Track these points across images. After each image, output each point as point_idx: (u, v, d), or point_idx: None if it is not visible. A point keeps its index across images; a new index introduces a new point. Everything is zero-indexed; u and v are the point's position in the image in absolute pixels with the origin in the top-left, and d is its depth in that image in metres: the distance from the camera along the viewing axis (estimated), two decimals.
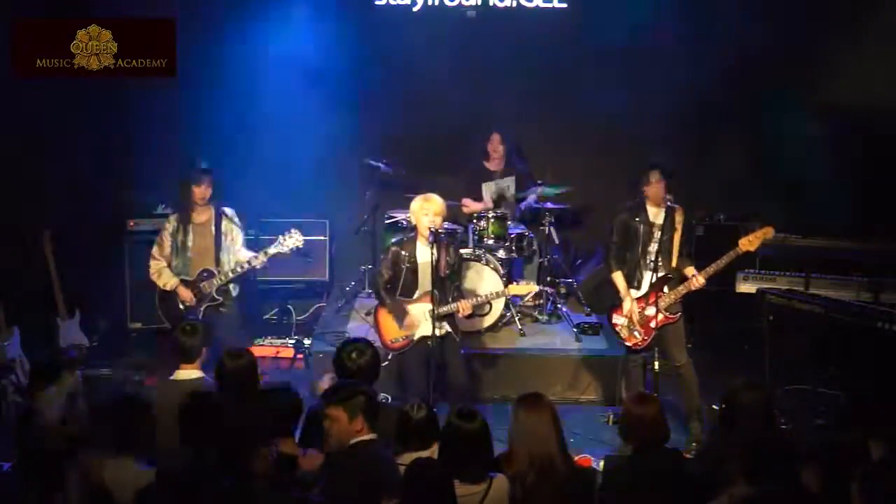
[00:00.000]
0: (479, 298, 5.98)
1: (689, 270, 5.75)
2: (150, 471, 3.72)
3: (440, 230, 5.58)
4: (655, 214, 5.79)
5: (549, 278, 7.67)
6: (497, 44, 8.05)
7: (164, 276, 6.06)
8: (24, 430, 4.20)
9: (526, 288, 6.26)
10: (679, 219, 5.81)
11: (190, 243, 6.06)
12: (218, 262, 6.07)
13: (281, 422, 4.02)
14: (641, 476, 3.77)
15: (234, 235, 6.15)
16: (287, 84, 7.97)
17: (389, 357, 5.79)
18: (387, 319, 5.75)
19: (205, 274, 6.04)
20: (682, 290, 5.76)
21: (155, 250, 6.11)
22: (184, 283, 6.05)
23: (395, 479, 3.58)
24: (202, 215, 6.09)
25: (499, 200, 7.71)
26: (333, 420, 3.79)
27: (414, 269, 5.63)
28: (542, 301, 7.59)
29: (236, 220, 6.17)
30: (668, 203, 5.72)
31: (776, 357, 6.49)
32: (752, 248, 5.64)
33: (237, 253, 6.11)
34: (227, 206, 6.18)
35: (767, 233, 5.62)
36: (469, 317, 5.92)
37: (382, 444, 3.86)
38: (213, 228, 6.08)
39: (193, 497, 3.39)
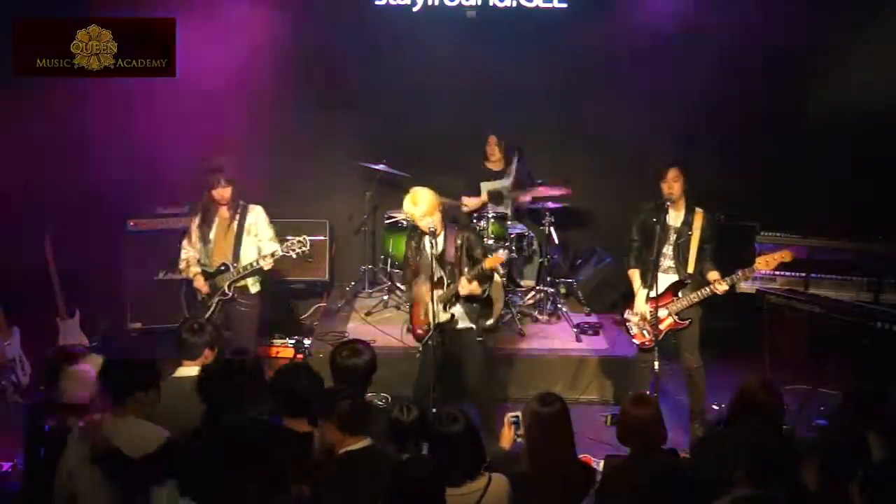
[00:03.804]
0: (467, 276, 5.82)
1: (713, 275, 5.70)
2: (160, 430, 3.76)
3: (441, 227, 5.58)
4: (674, 217, 5.77)
5: (549, 278, 7.68)
6: (497, 44, 8.05)
7: (191, 265, 6.11)
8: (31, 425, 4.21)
9: (497, 259, 6.03)
10: (698, 223, 5.78)
11: (212, 236, 6.08)
12: (237, 257, 6.06)
13: (298, 403, 4.01)
14: (639, 477, 3.77)
15: (259, 232, 6.13)
16: (287, 84, 7.98)
17: (421, 347, 5.81)
18: (416, 310, 5.80)
19: (222, 268, 6.05)
20: (694, 297, 5.71)
21: (185, 241, 6.17)
22: (204, 274, 6.07)
23: None
24: (227, 210, 6.10)
25: (497, 199, 7.71)
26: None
27: (425, 259, 5.63)
28: (542, 301, 7.59)
29: (262, 216, 6.16)
30: (669, 204, 5.71)
31: (776, 357, 6.50)
32: (768, 269, 5.73)
33: (262, 249, 6.09)
34: (255, 204, 6.17)
35: (786, 256, 5.64)
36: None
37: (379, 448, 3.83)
38: (235, 224, 6.09)
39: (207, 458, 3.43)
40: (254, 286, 6.13)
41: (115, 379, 3.85)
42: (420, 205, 5.46)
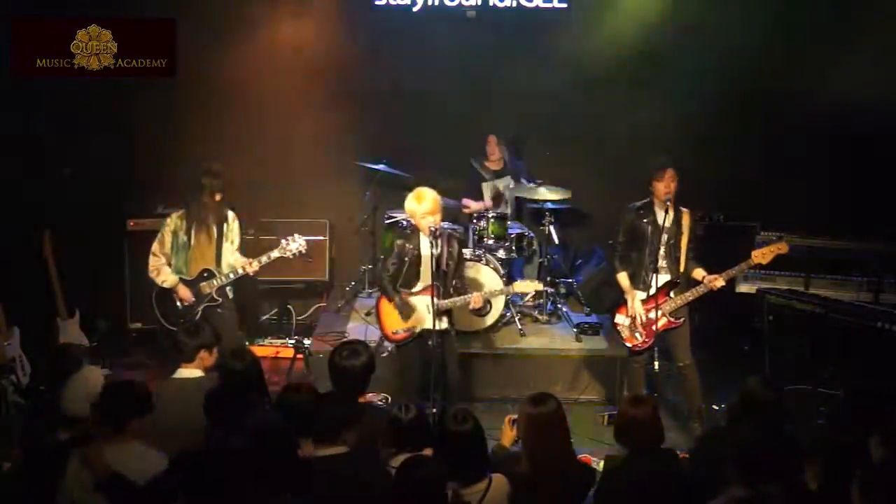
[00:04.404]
0: (485, 293, 5.87)
1: (699, 273, 5.71)
2: (160, 454, 3.74)
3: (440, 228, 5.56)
4: (663, 216, 5.76)
5: (549, 278, 7.67)
6: (497, 44, 8.05)
7: (162, 273, 6.05)
8: (30, 425, 4.21)
9: (530, 286, 6.12)
10: (686, 222, 5.79)
11: (193, 242, 6.05)
12: (219, 262, 6.06)
13: (300, 421, 3.99)
14: (637, 477, 3.77)
15: (234, 238, 6.14)
16: (287, 84, 7.97)
17: (390, 348, 5.76)
18: (388, 310, 5.72)
19: (205, 274, 6.03)
20: (688, 295, 5.71)
21: (155, 247, 6.08)
22: (182, 281, 6.04)
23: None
24: (213, 215, 6.08)
25: (498, 199, 7.71)
26: None
27: (417, 262, 5.58)
28: (542, 301, 7.59)
29: (237, 223, 6.17)
30: (669, 203, 5.70)
31: (776, 357, 6.50)
32: (764, 262, 5.69)
33: (232, 256, 6.11)
34: (230, 209, 6.17)
35: (782, 248, 5.62)
36: (476, 312, 5.86)
37: (361, 454, 3.78)
38: (215, 230, 6.08)
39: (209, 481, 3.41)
40: (230, 292, 6.14)
41: (114, 406, 3.82)
42: (424, 203, 5.42)
